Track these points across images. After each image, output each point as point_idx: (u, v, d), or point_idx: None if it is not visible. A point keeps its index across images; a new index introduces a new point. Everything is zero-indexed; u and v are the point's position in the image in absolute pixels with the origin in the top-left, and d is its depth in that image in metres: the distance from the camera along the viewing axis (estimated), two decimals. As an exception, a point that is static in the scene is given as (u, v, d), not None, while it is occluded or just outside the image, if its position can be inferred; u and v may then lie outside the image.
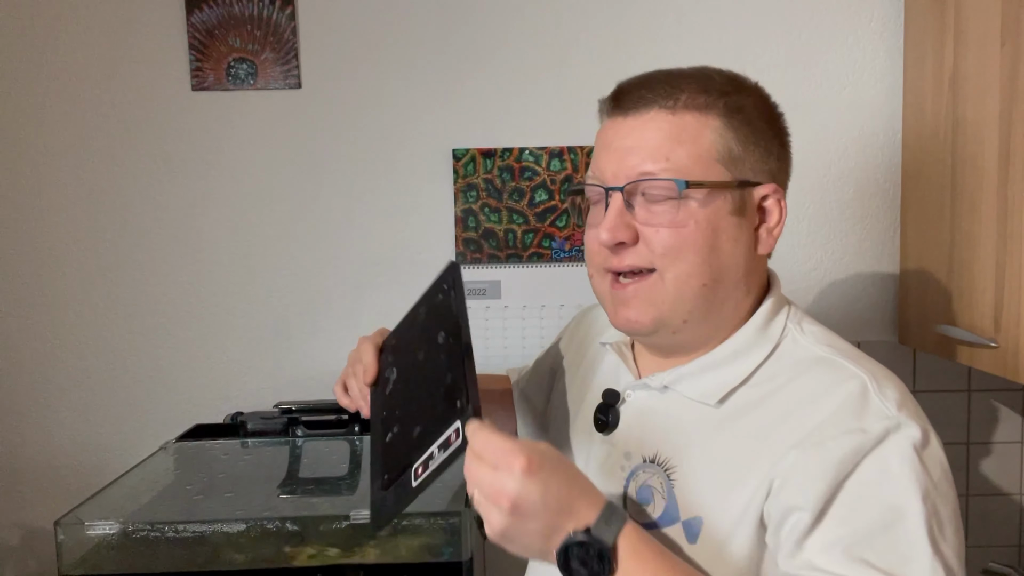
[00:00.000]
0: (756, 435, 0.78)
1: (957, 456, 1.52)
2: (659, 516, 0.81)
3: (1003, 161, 1.11)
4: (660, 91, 0.82)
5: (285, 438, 1.35)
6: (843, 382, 0.77)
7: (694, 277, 0.80)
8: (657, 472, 0.83)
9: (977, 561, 1.51)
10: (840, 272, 1.52)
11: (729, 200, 0.81)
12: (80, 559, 1.03)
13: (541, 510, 0.68)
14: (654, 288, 0.82)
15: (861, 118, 1.49)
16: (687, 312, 0.82)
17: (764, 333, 0.84)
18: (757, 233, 0.84)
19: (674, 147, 0.80)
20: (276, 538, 1.05)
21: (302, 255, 1.54)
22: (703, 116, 0.80)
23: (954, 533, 0.71)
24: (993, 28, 1.13)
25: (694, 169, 0.79)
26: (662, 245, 0.80)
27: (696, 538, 0.78)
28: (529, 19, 1.49)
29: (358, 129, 1.52)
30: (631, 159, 0.81)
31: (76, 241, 1.53)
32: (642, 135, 0.81)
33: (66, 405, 1.55)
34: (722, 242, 0.81)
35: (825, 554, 0.70)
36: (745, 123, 0.82)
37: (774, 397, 0.79)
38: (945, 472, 0.74)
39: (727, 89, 0.83)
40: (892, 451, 0.72)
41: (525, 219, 1.52)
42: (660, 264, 0.81)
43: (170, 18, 1.49)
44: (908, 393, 0.79)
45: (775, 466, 0.74)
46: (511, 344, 1.52)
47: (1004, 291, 1.12)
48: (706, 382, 0.83)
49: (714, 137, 0.80)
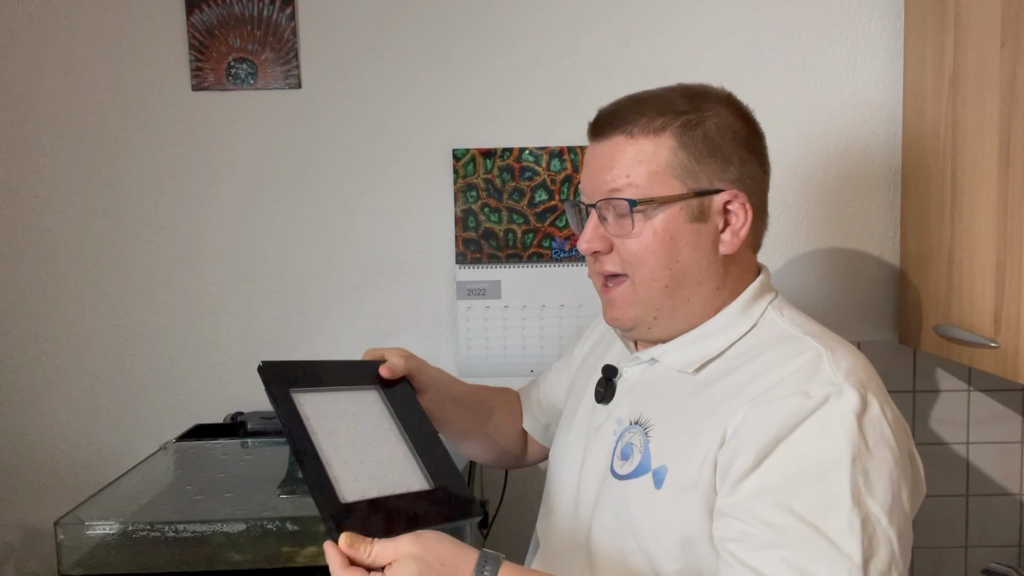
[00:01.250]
0: (721, 396, 0.87)
1: (957, 456, 1.52)
2: (634, 468, 0.91)
3: (1003, 161, 1.11)
4: (624, 117, 0.92)
5: (285, 438, 1.35)
6: (801, 353, 0.86)
7: (656, 280, 0.91)
8: (638, 431, 0.93)
9: (977, 561, 1.51)
10: (840, 272, 1.52)
11: (686, 210, 0.90)
12: (80, 559, 1.03)
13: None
14: (627, 291, 0.94)
15: (861, 118, 1.49)
16: (655, 310, 0.93)
17: (744, 314, 0.93)
18: (721, 235, 0.92)
19: (633, 167, 0.90)
20: (276, 538, 1.05)
21: (302, 255, 1.54)
22: (657, 138, 0.90)
23: (886, 491, 0.78)
24: (993, 28, 1.13)
25: (652, 186, 0.90)
26: (628, 253, 0.92)
27: (661, 483, 0.87)
28: (529, 19, 1.49)
29: (358, 129, 1.52)
30: (601, 178, 0.93)
31: (76, 241, 1.53)
32: (608, 157, 0.92)
33: (66, 405, 1.55)
34: (681, 248, 0.91)
35: (755, 497, 0.79)
36: (701, 138, 0.91)
37: (743, 367, 0.89)
38: (884, 438, 0.80)
39: (684, 109, 0.91)
40: (831, 414, 0.79)
41: (525, 219, 1.52)
42: (628, 270, 0.93)
43: (170, 18, 1.50)
44: (864, 368, 0.86)
45: (729, 419, 0.84)
46: (511, 344, 1.52)
47: (1004, 291, 1.12)
48: (686, 354, 0.93)
49: (668, 155, 0.90)
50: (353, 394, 0.99)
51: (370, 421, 0.96)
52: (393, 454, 0.94)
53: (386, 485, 0.89)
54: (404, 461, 0.93)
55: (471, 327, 1.51)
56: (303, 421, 0.90)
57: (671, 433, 0.90)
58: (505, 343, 1.52)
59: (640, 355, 0.99)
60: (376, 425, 0.96)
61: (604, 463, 0.95)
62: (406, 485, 0.90)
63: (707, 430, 0.85)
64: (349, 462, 0.89)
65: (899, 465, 0.80)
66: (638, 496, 0.89)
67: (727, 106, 0.93)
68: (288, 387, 0.93)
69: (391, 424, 0.97)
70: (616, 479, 0.93)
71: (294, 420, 0.90)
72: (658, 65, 1.49)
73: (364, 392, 1.00)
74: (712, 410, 0.86)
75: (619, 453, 0.94)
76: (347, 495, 0.84)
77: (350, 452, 0.91)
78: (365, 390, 1.00)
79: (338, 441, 0.91)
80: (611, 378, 1.01)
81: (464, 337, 1.52)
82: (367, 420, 0.96)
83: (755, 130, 0.95)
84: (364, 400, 0.99)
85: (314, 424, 0.91)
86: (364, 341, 1.53)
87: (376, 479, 0.89)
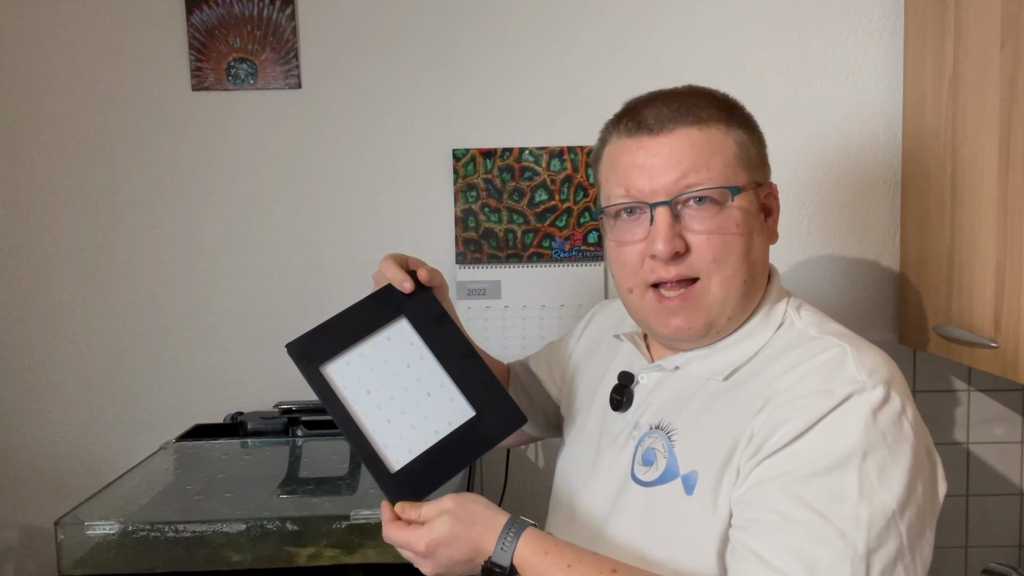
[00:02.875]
0: (747, 399, 0.86)
1: (957, 456, 1.52)
2: (661, 474, 0.89)
3: (1003, 161, 1.11)
4: (681, 109, 0.88)
5: (285, 438, 1.35)
6: (824, 351, 0.85)
7: (738, 276, 0.89)
8: (660, 436, 0.91)
9: (977, 561, 1.51)
10: (840, 272, 1.52)
11: (754, 201, 0.90)
12: (80, 559, 1.03)
13: (455, 565, 0.86)
14: (701, 296, 0.89)
15: (861, 118, 1.49)
16: (731, 310, 0.90)
17: (768, 317, 0.92)
18: (766, 226, 0.93)
19: (709, 159, 0.87)
20: (276, 538, 1.05)
21: (302, 255, 1.54)
22: (726, 127, 0.89)
23: (902, 486, 0.77)
24: (993, 28, 1.13)
25: (729, 176, 0.88)
26: (712, 251, 0.87)
27: (692, 489, 0.85)
28: (529, 19, 1.49)
29: (358, 129, 1.52)
30: (670, 174, 0.87)
31: (76, 241, 1.53)
32: (677, 151, 0.87)
33: (66, 405, 1.55)
34: (754, 240, 0.90)
35: (765, 485, 0.79)
36: (753, 130, 0.92)
37: (767, 369, 0.87)
38: (903, 433, 0.79)
39: (731, 103, 0.92)
40: (851, 411, 0.79)
41: (525, 219, 1.52)
42: (707, 270, 0.88)
43: (170, 18, 1.50)
44: (887, 364, 0.84)
45: (752, 420, 0.83)
46: (511, 344, 1.52)
47: (1004, 291, 1.12)
48: (716, 361, 0.91)
49: (735, 146, 0.89)
50: (381, 338, 0.97)
51: (403, 360, 0.96)
52: (431, 389, 0.94)
53: (431, 430, 0.92)
54: (444, 394, 0.94)
55: (471, 327, 1.50)
56: (338, 396, 0.93)
57: (698, 438, 0.88)
58: (505, 343, 1.52)
59: (663, 363, 0.96)
60: (410, 362, 0.96)
61: (623, 470, 0.93)
62: (449, 420, 0.93)
63: (733, 434, 0.84)
64: (392, 420, 0.92)
65: (917, 461, 0.79)
66: (668, 503, 0.87)
67: None
68: (317, 365, 0.94)
69: (424, 353, 0.96)
70: (640, 486, 0.90)
71: (331, 399, 0.93)
72: (658, 65, 1.49)
73: (391, 329, 0.97)
74: (737, 414, 0.85)
75: (640, 459, 0.92)
76: (395, 462, 0.90)
77: (390, 408, 0.93)
78: (392, 325, 0.97)
79: (377, 399, 0.93)
80: (627, 385, 0.98)
81: (464, 337, 1.52)
82: (400, 361, 0.95)
83: None
84: (393, 339, 0.97)
85: (349, 393, 0.94)
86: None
87: (420, 428, 0.92)
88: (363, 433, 0.91)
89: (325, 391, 0.93)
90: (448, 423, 0.92)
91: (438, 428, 0.92)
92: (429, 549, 0.84)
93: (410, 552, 0.87)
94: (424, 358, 0.96)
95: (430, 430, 0.92)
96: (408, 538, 0.86)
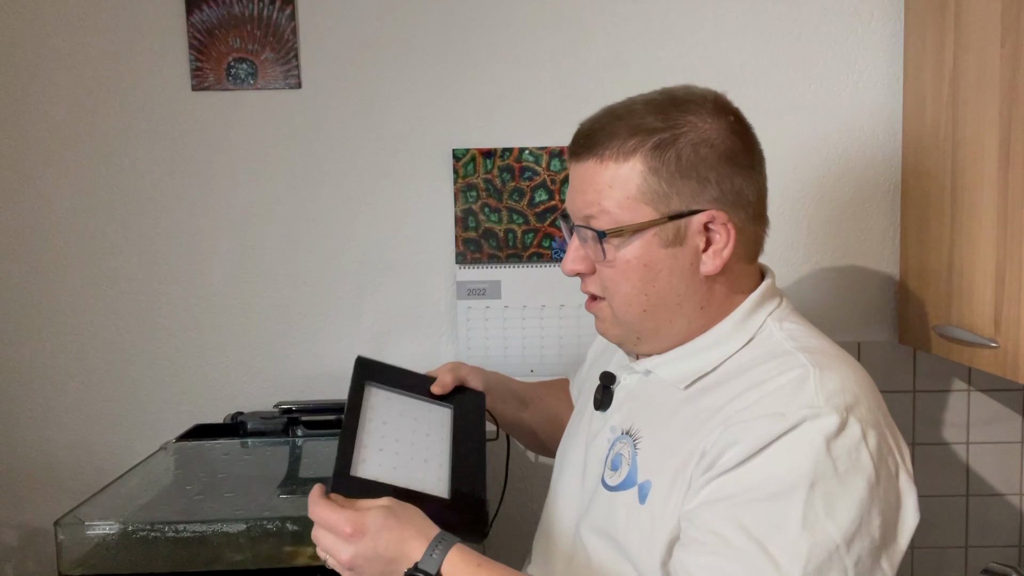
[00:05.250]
0: (705, 413, 0.85)
1: (957, 456, 1.52)
2: (622, 480, 0.90)
3: (1003, 161, 1.11)
4: (595, 139, 0.89)
5: (285, 438, 1.35)
6: (788, 371, 0.82)
7: (632, 305, 0.90)
8: (628, 442, 0.92)
9: (977, 561, 1.51)
10: (840, 272, 1.52)
11: (660, 236, 0.87)
12: (80, 559, 1.03)
13: (374, 561, 0.82)
14: (606, 312, 0.94)
15: (861, 118, 1.49)
16: (636, 332, 0.93)
17: (740, 328, 0.90)
18: (702, 256, 0.88)
19: (605, 194, 0.88)
20: (276, 538, 1.05)
21: (302, 255, 1.54)
22: (627, 162, 0.87)
23: (852, 519, 0.75)
24: (993, 28, 1.13)
25: (623, 213, 0.87)
26: (605, 279, 0.91)
27: (645, 499, 0.86)
28: (529, 19, 1.49)
29: (358, 129, 1.52)
30: (577, 202, 0.91)
31: (75, 240, 1.53)
32: (582, 181, 0.91)
33: (66, 405, 1.55)
34: (657, 273, 0.88)
35: (709, 506, 0.79)
36: (674, 159, 0.86)
37: (731, 382, 0.86)
38: (858, 464, 0.77)
39: (657, 127, 0.86)
40: (802, 437, 0.77)
41: (525, 219, 1.52)
42: (606, 295, 0.92)
43: (170, 18, 1.49)
44: (855, 389, 0.82)
45: (706, 438, 0.82)
46: (511, 344, 1.52)
47: (1004, 291, 1.12)
48: (680, 368, 0.91)
49: (639, 181, 0.86)
50: (425, 405, 1.07)
51: (427, 432, 1.01)
52: (429, 460, 0.98)
53: (406, 478, 0.93)
54: (436, 469, 0.97)
55: (471, 327, 1.50)
56: (361, 406, 1.00)
57: (656, 448, 0.88)
58: (505, 343, 1.52)
59: (636, 365, 0.98)
60: (431, 437, 1.01)
61: (597, 472, 0.95)
62: (424, 485, 0.94)
63: (685, 446, 0.84)
64: (383, 451, 0.95)
65: (874, 493, 0.77)
66: (624, 510, 0.88)
67: (709, 116, 0.87)
68: (367, 379, 1.04)
69: (446, 438, 1.02)
70: (606, 490, 0.92)
71: (354, 403, 1.00)
72: (658, 65, 1.49)
73: (438, 408, 1.07)
74: (695, 428, 0.84)
75: (610, 463, 0.94)
76: (358, 470, 0.91)
77: (390, 445, 0.97)
78: (441, 407, 1.07)
79: (384, 432, 0.98)
80: (608, 385, 1.00)
81: (464, 337, 1.52)
82: (424, 430, 1.01)
83: (742, 139, 0.89)
84: (433, 413, 1.06)
85: (371, 413, 1.00)
86: (364, 341, 1.53)
87: (398, 471, 0.94)
88: (353, 439, 0.95)
89: (355, 398, 1.00)
90: (422, 485, 0.94)
91: (411, 483, 0.93)
92: (355, 532, 0.82)
93: (331, 537, 0.83)
94: (443, 441, 1.01)
95: (405, 478, 0.93)
96: (336, 517, 0.83)
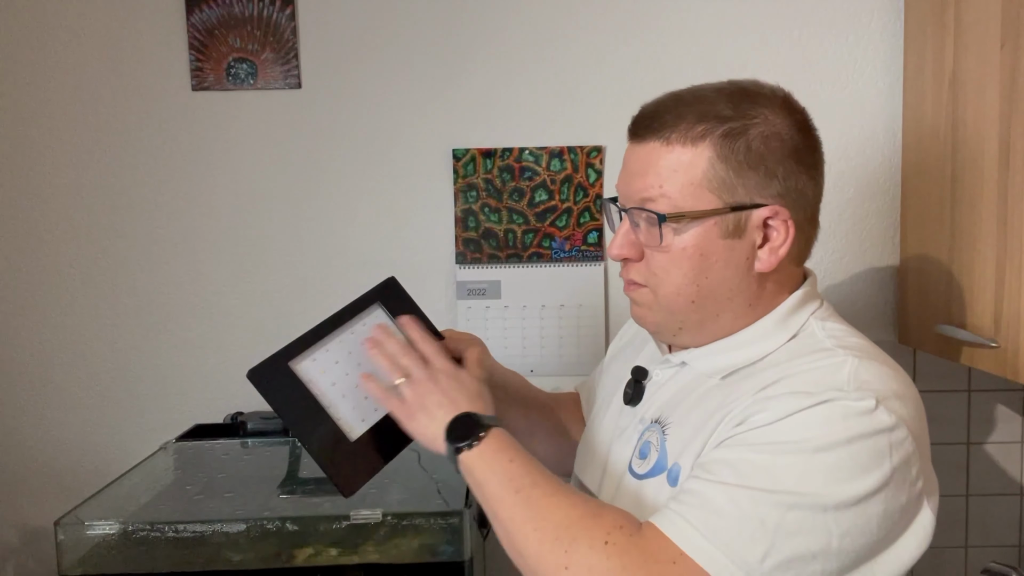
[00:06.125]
0: (737, 393, 0.85)
1: (957, 456, 1.52)
2: (651, 467, 0.89)
3: (1003, 161, 1.11)
4: (662, 121, 0.87)
5: (285, 438, 1.35)
6: (827, 359, 0.83)
7: (681, 296, 0.88)
8: (656, 429, 0.91)
9: (977, 561, 1.51)
10: (840, 272, 1.52)
11: (720, 225, 0.86)
12: (80, 559, 1.03)
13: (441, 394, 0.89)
14: (647, 299, 0.91)
15: (861, 118, 1.49)
16: (680, 322, 0.90)
17: (782, 325, 0.89)
18: (758, 252, 0.87)
19: (668, 177, 0.85)
20: (276, 538, 1.05)
21: (302, 255, 1.54)
22: (695, 148, 0.85)
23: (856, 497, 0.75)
24: (993, 28, 1.13)
25: (685, 198, 0.85)
26: (655, 265, 0.88)
27: (676, 482, 0.85)
28: (529, 19, 1.49)
29: (358, 129, 1.52)
30: (635, 184, 0.88)
31: (75, 240, 1.53)
32: (643, 164, 0.88)
33: (66, 405, 1.55)
34: (711, 264, 0.86)
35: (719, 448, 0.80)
36: (744, 150, 0.84)
37: (767, 371, 0.85)
38: (877, 450, 0.76)
39: (728, 115, 0.85)
40: (823, 409, 0.77)
41: (525, 219, 1.52)
42: (652, 282, 0.89)
43: (170, 18, 1.49)
44: (896, 386, 0.81)
45: (734, 410, 0.82)
46: (511, 344, 1.52)
47: (1004, 291, 1.12)
48: (717, 360, 0.90)
49: (705, 167, 0.85)
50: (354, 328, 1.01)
51: None
52: (367, 401, 0.96)
53: (329, 397, 0.94)
54: (366, 413, 0.96)
55: (471, 327, 1.50)
56: (355, 317, 0.99)
57: (687, 430, 0.87)
58: (505, 343, 1.52)
59: (671, 358, 0.96)
60: None
61: (624, 463, 0.94)
62: (339, 414, 0.94)
63: (713, 425, 0.83)
64: (338, 363, 0.97)
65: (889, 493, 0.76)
66: (653, 496, 0.87)
67: (780, 111, 0.87)
68: (383, 300, 1.02)
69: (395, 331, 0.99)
70: (634, 478, 0.91)
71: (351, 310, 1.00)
72: (658, 65, 1.49)
73: (366, 317, 1.02)
74: (726, 407, 0.83)
75: (638, 452, 0.92)
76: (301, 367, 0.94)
77: (349, 364, 0.97)
78: (367, 314, 1.03)
79: (353, 350, 0.97)
80: (640, 380, 0.98)
81: (464, 337, 1.52)
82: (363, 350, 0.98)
83: (808, 138, 0.89)
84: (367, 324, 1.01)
85: (358, 327, 1.00)
86: (364, 341, 1.53)
87: (335, 387, 0.95)
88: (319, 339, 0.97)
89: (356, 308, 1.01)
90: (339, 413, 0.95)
91: (332, 405, 0.95)
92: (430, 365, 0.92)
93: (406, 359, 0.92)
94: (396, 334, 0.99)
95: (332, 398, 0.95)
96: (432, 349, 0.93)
